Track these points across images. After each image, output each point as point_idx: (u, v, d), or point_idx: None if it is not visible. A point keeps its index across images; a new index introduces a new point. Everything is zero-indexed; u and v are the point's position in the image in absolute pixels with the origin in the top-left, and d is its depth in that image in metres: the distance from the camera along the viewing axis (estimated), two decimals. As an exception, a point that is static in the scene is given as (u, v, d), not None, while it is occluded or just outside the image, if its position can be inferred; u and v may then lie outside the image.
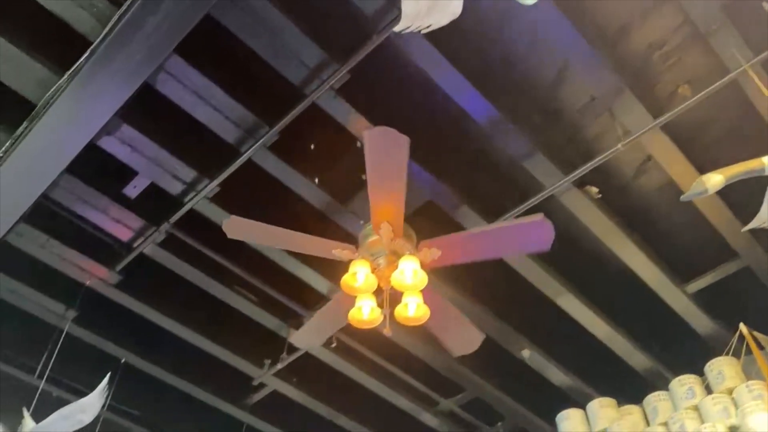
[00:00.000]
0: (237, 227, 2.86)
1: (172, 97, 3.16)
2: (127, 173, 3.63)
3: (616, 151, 3.27)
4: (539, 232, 2.75)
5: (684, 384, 4.26)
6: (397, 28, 2.57)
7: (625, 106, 3.20)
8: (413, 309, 2.91)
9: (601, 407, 4.57)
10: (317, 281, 4.02)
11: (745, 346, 3.91)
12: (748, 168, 2.58)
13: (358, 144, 3.02)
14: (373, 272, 2.87)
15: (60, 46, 2.93)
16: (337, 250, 2.87)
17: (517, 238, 2.89)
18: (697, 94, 3.08)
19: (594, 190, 3.58)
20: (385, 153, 2.54)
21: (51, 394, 4.13)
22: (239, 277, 4.01)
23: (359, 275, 2.83)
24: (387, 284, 2.88)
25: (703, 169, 3.24)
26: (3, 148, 3.18)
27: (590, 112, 3.47)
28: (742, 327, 3.94)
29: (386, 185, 2.67)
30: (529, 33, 3.18)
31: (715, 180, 2.51)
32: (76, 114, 3.04)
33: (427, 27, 2.44)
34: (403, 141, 2.46)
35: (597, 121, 3.48)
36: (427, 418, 5.12)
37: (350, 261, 2.90)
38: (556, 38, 3.06)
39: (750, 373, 4.04)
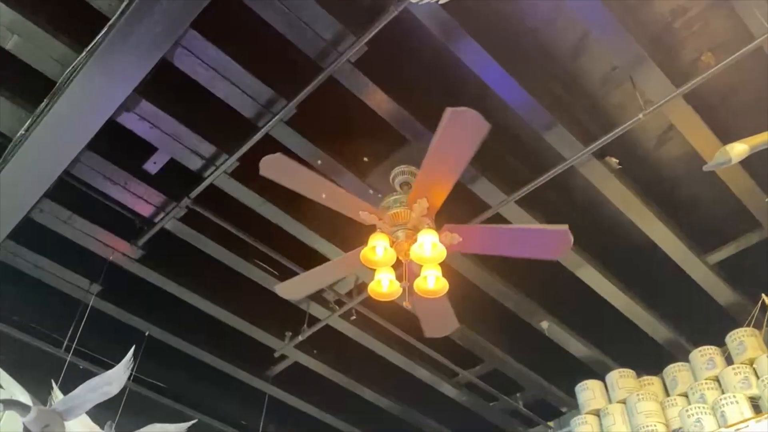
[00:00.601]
0: (274, 165, 2.79)
1: (189, 72, 3.16)
2: (147, 149, 3.66)
3: (637, 121, 3.22)
4: (559, 241, 2.76)
5: (704, 355, 4.26)
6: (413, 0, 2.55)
7: (647, 75, 3.13)
8: (432, 282, 2.94)
9: (621, 378, 4.58)
10: (337, 255, 4.03)
11: (767, 316, 3.89)
12: (772, 137, 2.53)
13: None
14: (392, 245, 2.88)
15: (78, 22, 2.94)
16: (364, 213, 2.88)
17: (538, 242, 2.91)
18: (720, 62, 3.01)
19: (614, 161, 3.55)
20: (460, 134, 2.51)
21: (78, 367, 4.23)
22: (259, 250, 4.05)
23: (378, 248, 2.85)
24: (406, 257, 2.90)
25: (726, 139, 3.19)
26: (25, 126, 3.22)
27: (611, 81, 3.42)
28: (765, 297, 3.92)
29: (446, 165, 2.67)
30: (548, 2, 3.13)
31: (738, 149, 2.47)
32: (95, 90, 3.05)
33: (444, -3, 2.40)
34: (484, 128, 2.44)
35: (618, 91, 3.43)
36: (447, 389, 5.18)
37: (368, 233, 2.92)
38: (575, 7, 3.00)
39: (772, 343, 4.02)
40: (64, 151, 3.31)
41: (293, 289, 3.29)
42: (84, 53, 2.92)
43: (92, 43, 2.87)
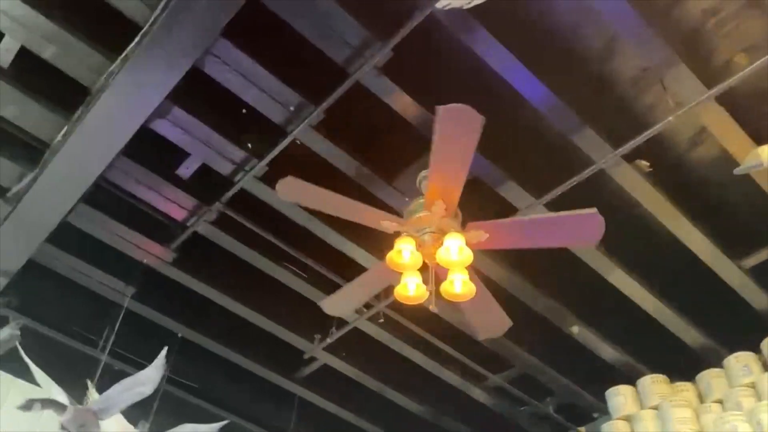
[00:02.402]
0: (291, 188, 2.86)
1: (220, 79, 3.22)
2: (179, 154, 3.73)
3: (668, 123, 3.18)
4: (589, 226, 2.72)
5: (740, 361, 4.18)
6: (439, 5, 2.55)
7: (678, 77, 3.08)
8: (459, 286, 2.94)
9: (653, 383, 4.52)
10: (364, 257, 4.06)
11: (804, 322, 3.80)
12: (806, 139, 2.48)
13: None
14: (418, 249, 2.89)
15: (112, 32, 3.01)
16: (385, 222, 2.90)
17: (567, 230, 2.86)
18: (753, 63, 2.96)
19: (644, 163, 3.50)
20: (456, 130, 2.51)
21: (113, 367, 4.32)
22: (288, 253, 4.10)
23: (404, 252, 2.86)
24: (432, 261, 2.90)
25: (760, 141, 3.13)
26: (62, 132, 3.32)
27: (641, 83, 3.38)
28: (802, 303, 3.83)
29: (450, 163, 2.67)
30: (576, 4, 3.11)
31: (770, 152, 2.42)
32: (129, 98, 3.13)
33: (469, 2, 2.41)
34: (478, 120, 2.44)
35: (648, 93, 3.39)
36: (477, 393, 5.16)
37: (395, 237, 2.93)
38: (604, 9, 2.97)
39: (809, 350, 3.92)
40: (100, 156, 3.40)
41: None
42: (118, 61, 3.00)
43: (125, 52, 2.95)
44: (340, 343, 4.65)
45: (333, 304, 3.46)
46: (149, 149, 3.63)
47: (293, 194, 2.96)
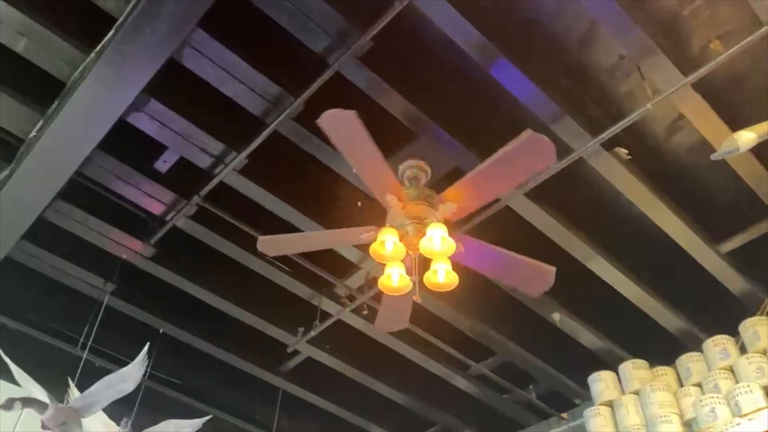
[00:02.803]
0: (270, 244, 3.08)
1: (197, 71, 3.18)
2: (157, 148, 3.69)
3: (646, 111, 3.21)
4: (537, 147, 2.60)
5: (718, 344, 4.24)
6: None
7: (655, 64, 3.12)
8: (442, 275, 2.94)
9: (634, 368, 4.57)
10: (348, 250, 4.06)
11: (779, 305, 3.87)
12: (781, 125, 2.51)
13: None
14: (401, 240, 2.89)
15: (86, 24, 2.97)
16: (364, 235, 2.91)
17: (520, 160, 2.71)
18: (729, 50, 2.99)
19: (623, 151, 3.53)
20: (344, 133, 2.54)
21: (94, 365, 4.28)
22: (270, 247, 4.07)
23: (387, 243, 2.86)
24: (415, 251, 2.91)
25: (736, 127, 3.17)
26: (36, 127, 3.26)
27: (619, 71, 3.40)
28: (778, 286, 3.90)
29: (365, 161, 2.68)
30: (554, -8, 3.12)
31: (746, 137, 2.46)
32: (105, 91, 3.08)
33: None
34: (352, 115, 2.46)
35: (626, 81, 3.41)
36: (460, 382, 5.19)
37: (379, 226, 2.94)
38: (582, -3, 2.99)
39: (785, 332, 4.00)
40: (76, 151, 3.35)
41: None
42: (93, 54, 2.96)
43: (100, 45, 2.90)
44: (324, 336, 4.65)
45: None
46: (126, 143, 3.58)
47: (275, 248, 3.16)
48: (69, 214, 3.83)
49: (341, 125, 2.51)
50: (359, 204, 3.25)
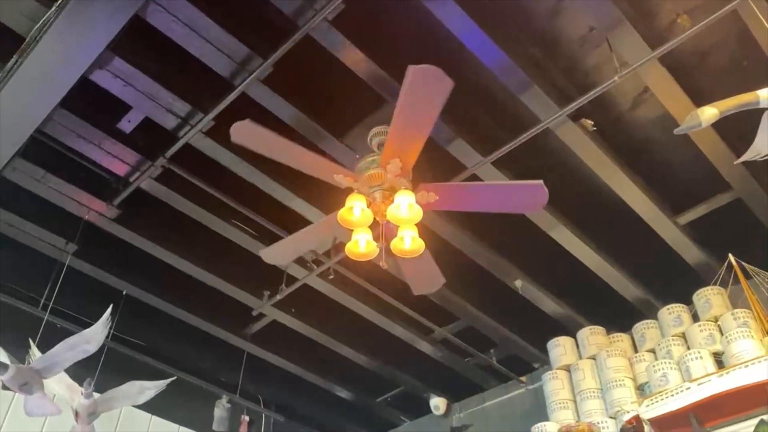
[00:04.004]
0: (245, 132, 2.78)
1: (163, 29, 3.09)
2: (121, 107, 3.60)
3: (613, 84, 3.25)
4: (535, 196, 2.80)
5: (672, 312, 4.40)
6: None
7: (624, 37, 3.14)
8: (409, 242, 2.97)
9: (591, 335, 4.73)
10: (314, 215, 4.05)
11: (732, 276, 4.01)
12: (742, 101, 2.57)
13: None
14: (369, 206, 2.90)
15: (46, -24, 2.86)
16: (338, 176, 2.89)
17: (514, 198, 2.92)
18: (696, 25, 3.03)
19: (589, 123, 3.57)
20: (425, 91, 2.50)
21: (56, 326, 4.24)
22: (235, 210, 4.05)
23: (355, 209, 2.87)
24: (383, 218, 2.92)
25: (700, 101, 3.22)
26: (-6, 83, 3.15)
27: (588, 43, 3.43)
28: (731, 257, 4.03)
29: (414, 123, 2.66)
30: (527, -39, 3.11)
31: (709, 113, 2.51)
32: (66, 47, 2.99)
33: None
34: (447, 84, 2.43)
35: (594, 53, 3.44)
36: (423, 346, 5.29)
37: (345, 193, 2.94)
38: (554, -33, 2.99)
39: (736, 302, 4.16)
40: (36, 108, 3.25)
41: (277, 253, 3.30)
42: (54, 8, 2.85)
43: (62, -2, 2.80)
44: (290, 300, 4.67)
45: (273, 254, 3.41)
46: (89, 102, 3.49)
47: (247, 138, 2.83)
48: (29, 173, 3.73)
49: (431, 84, 2.46)
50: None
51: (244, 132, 2.75)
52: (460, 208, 3.13)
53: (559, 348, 4.84)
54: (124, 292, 4.53)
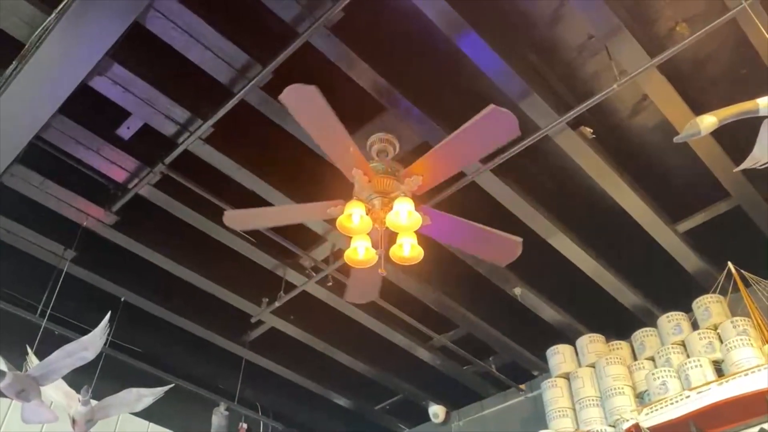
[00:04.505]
0: (237, 219, 3.03)
1: (163, 36, 3.10)
2: (120, 114, 3.61)
3: (612, 91, 3.25)
4: (501, 121, 2.60)
5: (671, 320, 4.39)
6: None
7: (622, 45, 3.15)
8: (408, 249, 2.97)
9: (590, 342, 4.72)
10: (313, 222, 4.05)
11: (732, 283, 4.00)
12: (742, 109, 2.57)
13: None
14: (368, 213, 2.90)
15: (46, -18, 2.86)
16: (330, 210, 2.90)
17: (484, 134, 2.71)
18: (695, 33, 3.04)
19: (588, 130, 3.58)
20: (306, 108, 2.53)
21: (53, 333, 4.23)
22: (235, 217, 4.04)
23: (354, 216, 2.87)
24: (382, 225, 2.92)
25: (698, 109, 3.24)
26: (-6, 89, 3.15)
27: (587, 50, 3.43)
28: (730, 265, 4.03)
29: (329, 137, 2.68)
30: (526, -31, 3.12)
31: (708, 122, 2.50)
32: (66, 54, 2.99)
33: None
34: (313, 90, 2.44)
35: (593, 60, 3.45)
36: (422, 353, 5.27)
37: (342, 197, 2.95)
38: (553, -25, 3.00)
39: (736, 310, 4.15)
40: (35, 115, 3.25)
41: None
42: (53, 15, 2.85)
43: (62, 5, 2.80)
44: (289, 307, 4.66)
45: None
46: (88, 108, 3.49)
47: (240, 222, 3.13)
48: (28, 179, 3.73)
49: (303, 100, 2.48)
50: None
51: (235, 219, 2.83)
52: (447, 173, 3.08)
53: (559, 356, 4.82)
54: (122, 299, 4.52)
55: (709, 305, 4.25)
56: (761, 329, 3.92)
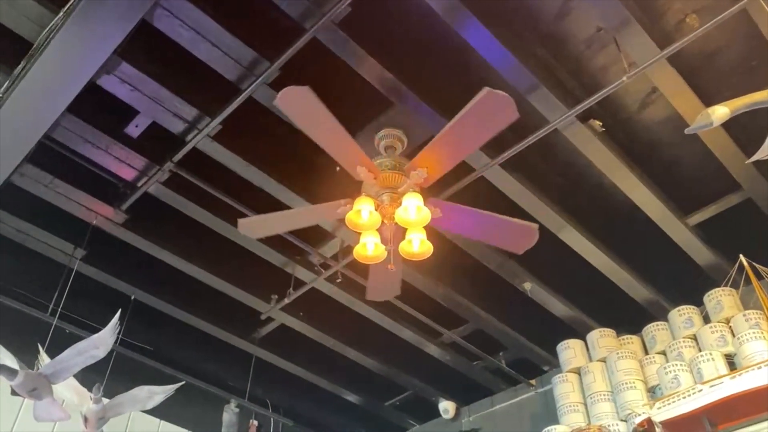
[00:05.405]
0: (251, 226, 3.06)
1: (170, 34, 3.10)
2: (128, 112, 3.61)
3: (621, 84, 3.23)
4: (498, 104, 2.59)
5: (683, 314, 4.36)
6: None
7: (631, 37, 3.12)
8: (417, 245, 2.97)
9: (601, 337, 4.69)
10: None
11: (744, 276, 3.97)
12: (754, 100, 2.55)
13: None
14: (377, 209, 2.90)
15: (54, -19, 2.87)
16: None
17: (482, 118, 2.69)
18: (705, 24, 3.01)
19: (598, 123, 3.55)
20: (302, 109, 2.52)
21: (64, 331, 4.24)
22: (243, 214, 4.04)
23: (363, 212, 2.87)
24: (391, 221, 2.91)
25: (708, 101, 3.22)
26: (2, 89, 3.16)
27: (596, 43, 3.41)
28: (742, 258, 3.99)
29: (328, 136, 2.67)
30: (533, -38, 3.10)
31: (720, 112, 2.48)
32: (74, 52, 2.99)
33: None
34: (306, 91, 2.44)
35: (602, 53, 3.42)
36: (431, 349, 5.26)
37: (350, 194, 2.94)
38: (561, -33, 2.97)
39: (748, 303, 4.12)
40: (44, 114, 3.26)
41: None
42: (61, 14, 2.86)
43: (69, 3, 2.81)
44: (298, 304, 4.66)
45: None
46: (96, 107, 3.50)
47: (294, 106, 2.70)
48: (37, 178, 3.74)
49: (298, 102, 2.47)
50: (338, 169, 3.22)
51: (249, 226, 2.82)
52: (459, 230, 3.14)
53: (569, 350, 4.80)
54: (132, 297, 4.53)
55: (721, 298, 4.22)
56: (774, 322, 3.89)
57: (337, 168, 3.11)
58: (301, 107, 2.59)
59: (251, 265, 4.46)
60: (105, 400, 3.68)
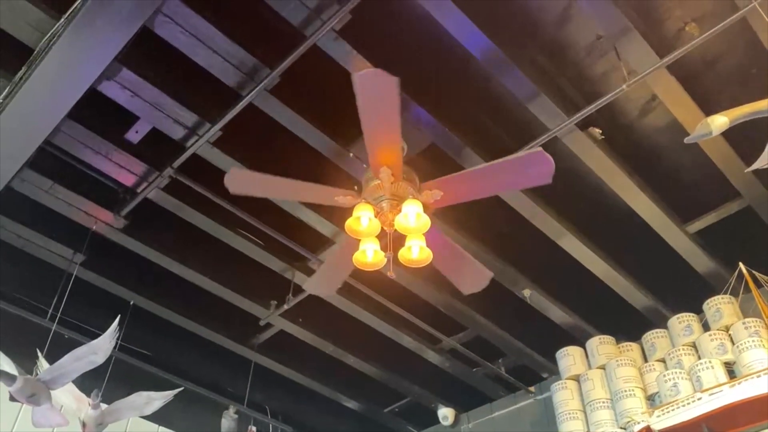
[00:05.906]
0: (238, 180, 2.82)
1: (171, 40, 3.11)
2: (128, 118, 3.61)
3: (621, 92, 3.23)
4: (539, 166, 2.64)
5: (682, 321, 4.37)
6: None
7: (631, 45, 3.14)
8: (416, 251, 2.95)
9: (600, 344, 4.69)
10: (322, 224, 4.05)
11: (743, 284, 3.96)
12: (754, 109, 2.55)
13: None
14: (376, 216, 2.89)
15: (56, -12, 2.87)
16: (339, 197, 2.86)
17: (517, 173, 2.77)
18: (704, 33, 3.02)
19: (597, 131, 3.56)
20: (376, 95, 2.47)
21: (63, 336, 4.23)
22: (243, 220, 4.04)
23: (363, 219, 2.85)
24: (390, 227, 2.90)
25: (708, 109, 3.22)
26: (3, 94, 3.16)
27: (595, 51, 3.42)
28: (742, 266, 3.99)
29: (380, 129, 2.63)
30: (533, -30, 3.11)
31: (719, 122, 2.49)
32: (75, 58, 3.00)
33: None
34: (393, 82, 2.39)
35: (602, 61, 3.43)
36: (431, 356, 5.25)
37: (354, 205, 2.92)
38: (561, -25, 2.98)
39: (747, 311, 4.12)
40: (45, 119, 3.26)
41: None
42: (62, 20, 2.87)
43: (71, 10, 2.82)
44: (297, 310, 4.66)
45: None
46: (97, 112, 3.50)
47: (242, 186, 2.88)
48: (37, 184, 3.75)
49: (378, 87, 2.44)
50: (351, 155, 3.13)
51: (237, 180, 2.77)
52: (468, 197, 3.04)
53: (568, 358, 4.80)
54: (131, 303, 4.53)
55: (721, 306, 4.22)
56: (773, 330, 3.88)
57: (351, 154, 3.06)
58: (377, 92, 2.49)
59: (251, 270, 4.46)
60: (103, 406, 3.67)
